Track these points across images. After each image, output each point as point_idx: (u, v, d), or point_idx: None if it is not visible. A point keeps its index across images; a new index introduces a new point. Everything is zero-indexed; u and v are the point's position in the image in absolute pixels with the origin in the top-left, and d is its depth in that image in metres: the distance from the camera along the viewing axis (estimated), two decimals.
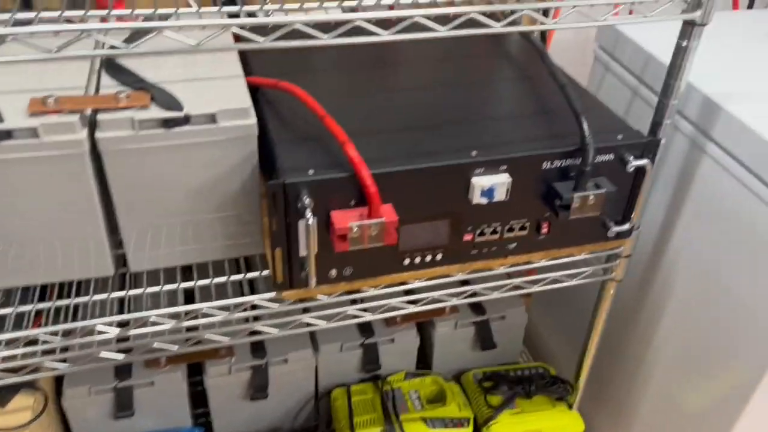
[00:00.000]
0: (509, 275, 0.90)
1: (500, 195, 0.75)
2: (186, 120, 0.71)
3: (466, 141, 0.75)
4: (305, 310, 0.95)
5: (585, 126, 0.75)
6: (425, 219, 0.76)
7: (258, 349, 1.00)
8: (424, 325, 1.10)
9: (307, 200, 0.68)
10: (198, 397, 1.03)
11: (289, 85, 0.78)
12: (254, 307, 0.80)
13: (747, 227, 0.80)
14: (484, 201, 0.74)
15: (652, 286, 0.99)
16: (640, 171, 0.80)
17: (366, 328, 1.05)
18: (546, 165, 0.76)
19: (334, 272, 0.76)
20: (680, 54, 0.75)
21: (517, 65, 0.94)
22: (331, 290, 0.78)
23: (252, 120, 0.73)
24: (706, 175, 0.86)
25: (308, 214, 0.68)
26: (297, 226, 0.70)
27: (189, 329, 0.80)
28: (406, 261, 0.78)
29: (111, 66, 0.77)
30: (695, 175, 0.87)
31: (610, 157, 0.78)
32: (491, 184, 0.74)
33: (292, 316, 0.83)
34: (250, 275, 0.82)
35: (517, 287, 0.89)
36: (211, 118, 0.71)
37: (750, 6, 1.35)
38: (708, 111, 0.84)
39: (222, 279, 0.81)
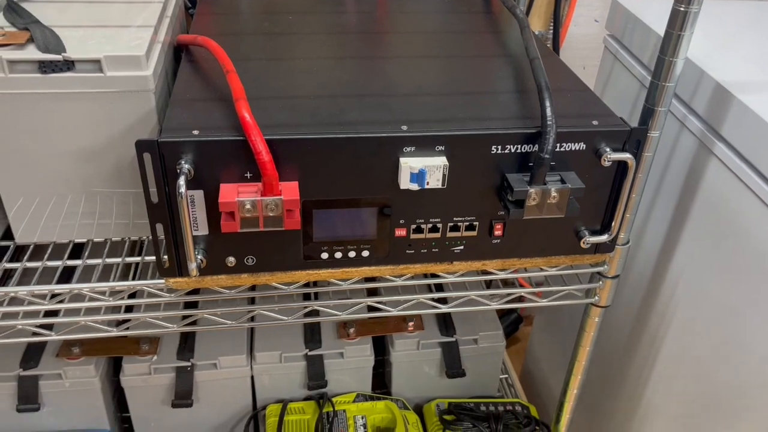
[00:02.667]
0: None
1: (435, 182, 0.61)
2: (68, 65, 0.61)
3: (398, 114, 0.62)
4: (252, 301, 0.83)
5: (548, 103, 0.60)
6: (344, 204, 0.62)
7: (185, 349, 0.88)
8: (382, 341, 0.96)
9: (185, 166, 0.56)
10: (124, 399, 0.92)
11: (206, 39, 0.67)
12: (149, 295, 0.68)
13: (760, 250, 0.63)
14: (414, 187, 0.61)
15: (650, 317, 0.82)
16: (622, 168, 0.64)
17: (313, 338, 0.91)
18: (496, 149, 0.61)
19: (232, 260, 0.64)
20: (677, 21, 0.60)
21: (492, 40, 0.80)
22: (230, 282, 0.65)
23: (146, 71, 0.62)
24: (713, 183, 0.69)
25: (182, 181, 0.56)
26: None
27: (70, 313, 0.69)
28: (324, 255, 0.65)
29: (10, 7, 0.68)
30: (701, 182, 0.71)
31: (581, 146, 0.62)
32: (422, 167, 0.60)
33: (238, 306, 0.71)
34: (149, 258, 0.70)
35: (472, 301, 0.74)
36: (97, 66, 0.61)
37: None
38: (718, 101, 0.67)
39: (117, 260, 0.70)
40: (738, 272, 0.66)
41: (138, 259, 0.70)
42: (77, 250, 0.72)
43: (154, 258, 0.68)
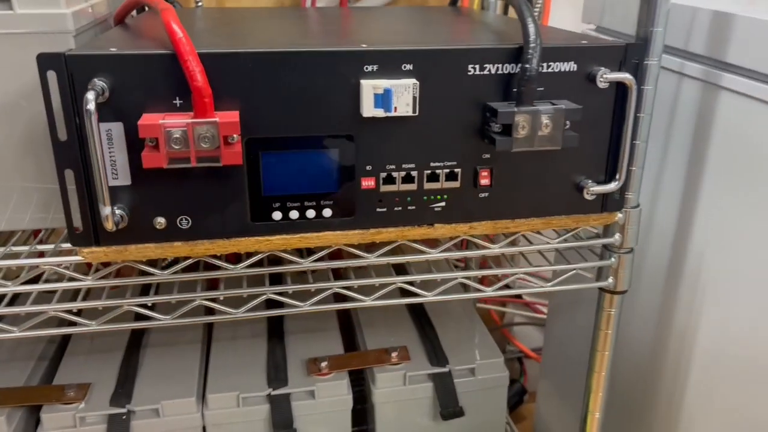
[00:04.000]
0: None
1: (404, 107, 0.51)
2: None
3: (357, 38, 0.54)
4: (210, 285, 0.64)
5: (527, 14, 0.52)
6: (297, 144, 0.52)
7: (121, 394, 0.72)
8: (362, 376, 0.80)
9: (99, 83, 0.46)
10: None
11: None
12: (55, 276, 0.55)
13: None
14: (380, 113, 0.51)
15: (675, 313, 0.69)
16: (621, 104, 0.55)
17: (277, 375, 0.76)
18: (473, 69, 0.52)
19: (161, 221, 0.52)
20: None
21: (465, 20, 0.74)
22: (160, 252, 0.53)
23: (64, 9, 0.54)
24: (729, 119, 0.60)
25: (90, 96, 0.45)
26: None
27: None
28: (276, 215, 0.54)
29: None
30: (714, 125, 0.61)
31: (572, 66, 0.54)
32: (388, 86, 0.50)
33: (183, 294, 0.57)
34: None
35: (464, 287, 0.62)
36: (6, 2, 0.53)
37: None
38: (718, 29, 0.60)
39: (24, 248, 0.57)
40: None
41: (50, 247, 0.58)
42: None
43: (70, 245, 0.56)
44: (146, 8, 0.77)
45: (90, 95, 0.45)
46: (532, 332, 1.26)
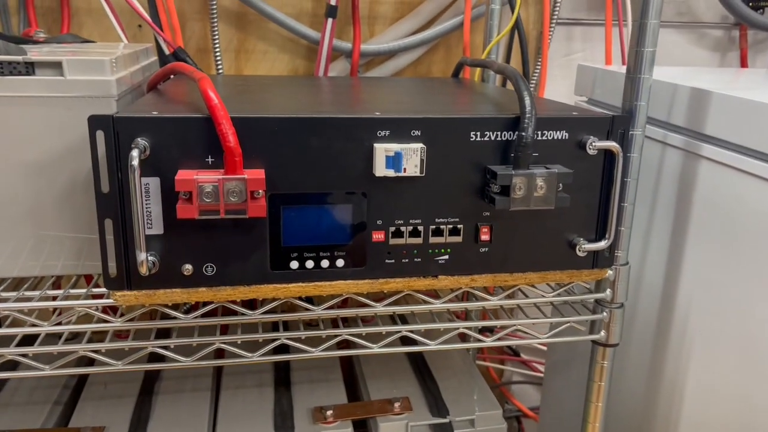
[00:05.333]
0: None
1: (413, 168, 0.56)
2: (27, 69, 0.59)
3: (371, 107, 0.60)
4: (223, 331, 0.68)
5: (523, 87, 0.59)
6: (315, 200, 0.57)
7: None
8: (365, 426, 0.83)
9: (141, 142, 0.52)
10: None
11: (174, 63, 0.67)
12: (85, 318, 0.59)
13: None
14: (391, 173, 0.56)
15: (665, 366, 0.73)
16: (609, 170, 0.61)
17: (284, 423, 0.79)
18: (474, 136, 0.58)
19: (189, 268, 0.56)
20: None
21: (467, 92, 0.81)
22: (186, 297, 0.57)
23: (110, 76, 0.60)
24: (708, 184, 0.65)
25: (135, 153, 0.51)
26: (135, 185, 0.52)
27: None
28: (294, 264, 0.58)
29: None
30: (695, 189, 0.67)
31: (564, 135, 0.60)
32: (399, 149, 0.56)
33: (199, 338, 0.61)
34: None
35: (463, 337, 0.66)
36: (59, 70, 0.59)
37: None
38: (697, 103, 0.66)
39: (58, 292, 0.62)
40: (760, 273, 0.60)
41: (82, 291, 0.62)
42: None
43: (103, 290, 0.61)
44: (171, 76, 0.83)
45: (135, 152, 0.51)
46: (530, 391, 1.29)
